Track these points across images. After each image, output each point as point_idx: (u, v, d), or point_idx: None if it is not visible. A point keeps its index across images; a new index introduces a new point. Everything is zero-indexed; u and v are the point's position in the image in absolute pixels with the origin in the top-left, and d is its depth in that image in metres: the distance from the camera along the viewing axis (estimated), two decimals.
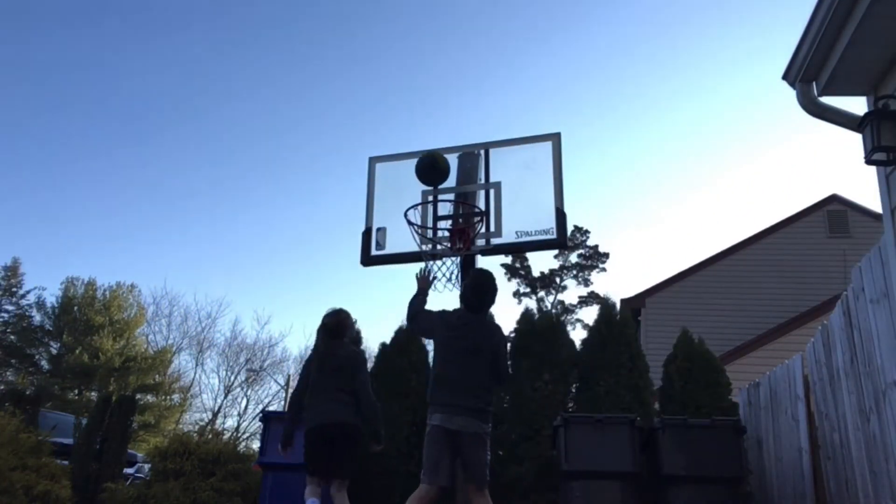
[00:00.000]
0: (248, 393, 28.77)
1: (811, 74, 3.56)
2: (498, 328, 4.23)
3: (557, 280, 27.93)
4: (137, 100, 41.09)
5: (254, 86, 42.90)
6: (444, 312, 4.24)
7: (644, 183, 44.30)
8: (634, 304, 14.43)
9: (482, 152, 6.06)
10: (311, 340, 30.91)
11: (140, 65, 40.44)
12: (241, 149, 43.67)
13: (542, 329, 6.81)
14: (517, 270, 27.60)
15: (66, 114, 40.98)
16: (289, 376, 27.06)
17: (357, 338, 6.75)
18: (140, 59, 40.09)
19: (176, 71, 40.77)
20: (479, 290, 4.15)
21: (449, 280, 5.64)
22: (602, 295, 24.17)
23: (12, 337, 27.16)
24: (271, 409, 23.35)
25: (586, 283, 27.73)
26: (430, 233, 5.75)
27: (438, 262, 5.61)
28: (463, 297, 4.21)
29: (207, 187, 42.90)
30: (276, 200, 43.52)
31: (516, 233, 5.68)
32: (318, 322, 4.80)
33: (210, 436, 9.71)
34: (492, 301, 4.22)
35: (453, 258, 5.62)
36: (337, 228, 43.04)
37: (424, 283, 4.52)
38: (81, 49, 39.74)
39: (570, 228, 12.66)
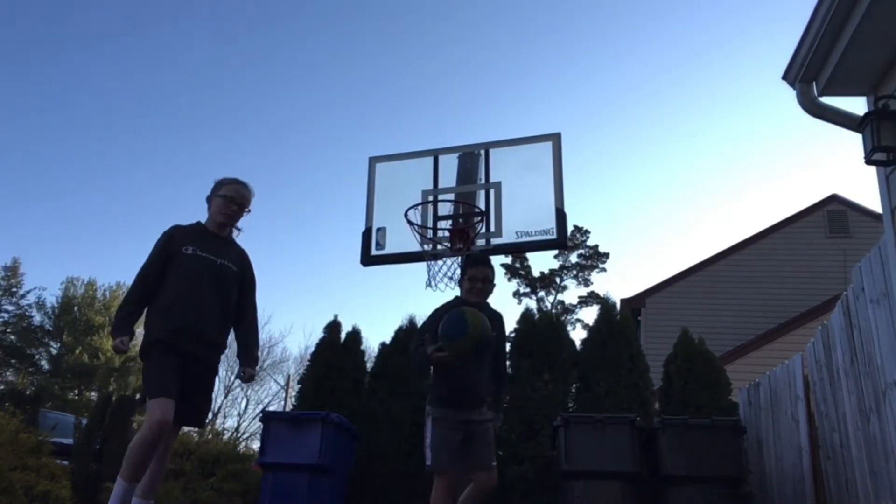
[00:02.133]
0: (248, 393, 28.79)
1: (811, 74, 3.56)
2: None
3: (557, 280, 27.90)
4: (137, 100, 41.11)
5: (254, 86, 42.93)
6: None
7: (644, 183, 44.33)
8: (634, 304, 14.43)
9: (482, 152, 6.07)
10: (311, 340, 30.98)
11: (140, 63, 40.46)
12: (240, 148, 43.67)
13: (542, 329, 6.81)
14: (517, 270, 27.59)
15: (65, 113, 41.01)
16: (289, 376, 27.07)
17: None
18: (141, 58, 40.12)
19: (175, 71, 40.80)
20: None
21: (451, 279, 5.65)
22: (602, 295, 24.09)
23: (12, 337, 27.16)
24: (271, 409, 23.36)
25: (586, 283, 27.71)
26: (430, 233, 5.76)
27: (440, 262, 5.61)
28: None
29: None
30: (276, 199, 43.51)
31: (516, 233, 5.69)
32: (318, 323, 4.72)
33: (210, 436, 9.71)
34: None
35: (454, 258, 5.62)
36: (337, 228, 43.05)
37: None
38: (81, 46, 39.77)
39: (570, 228, 12.66)
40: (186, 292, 3.35)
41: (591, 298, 26.89)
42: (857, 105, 3.55)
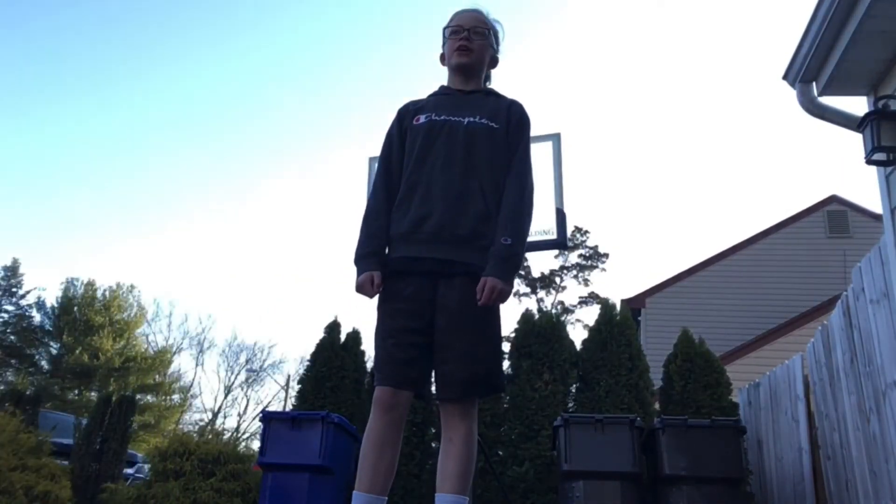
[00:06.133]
0: (248, 393, 28.85)
1: (811, 74, 3.56)
2: None
3: (557, 280, 27.91)
4: (139, 99, 41.11)
5: (255, 86, 42.93)
6: None
7: (644, 183, 44.33)
8: (634, 304, 14.43)
9: None
10: (312, 341, 31.01)
11: (144, 64, 40.46)
12: (241, 149, 43.70)
13: (542, 329, 6.81)
14: None
15: (67, 113, 41.01)
16: (288, 376, 27.09)
17: None
18: (144, 58, 40.12)
19: (174, 69, 40.79)
20: None
21: None
22: (602, 295, 24.19)
23: (12, 337, 27.17)
24: (271, 409, 23.37)
25: (586, 283, 27.73)
26: None
27: None
28: None
29: (209, 188, 42.93)
30: (275, 199, 43.57)
31: None
32: (316, 323, 4.69)
33: (210, 436, 9.72)
34: None
35: None
36: (336, 228, 43.07)
37: None
38: (89, 45, 39.75)
39: (570, 228, 12.65)
40: (417, 174, 2.32)
41: (591, 298, 26.91)
42: (857, 105, 3.56)
